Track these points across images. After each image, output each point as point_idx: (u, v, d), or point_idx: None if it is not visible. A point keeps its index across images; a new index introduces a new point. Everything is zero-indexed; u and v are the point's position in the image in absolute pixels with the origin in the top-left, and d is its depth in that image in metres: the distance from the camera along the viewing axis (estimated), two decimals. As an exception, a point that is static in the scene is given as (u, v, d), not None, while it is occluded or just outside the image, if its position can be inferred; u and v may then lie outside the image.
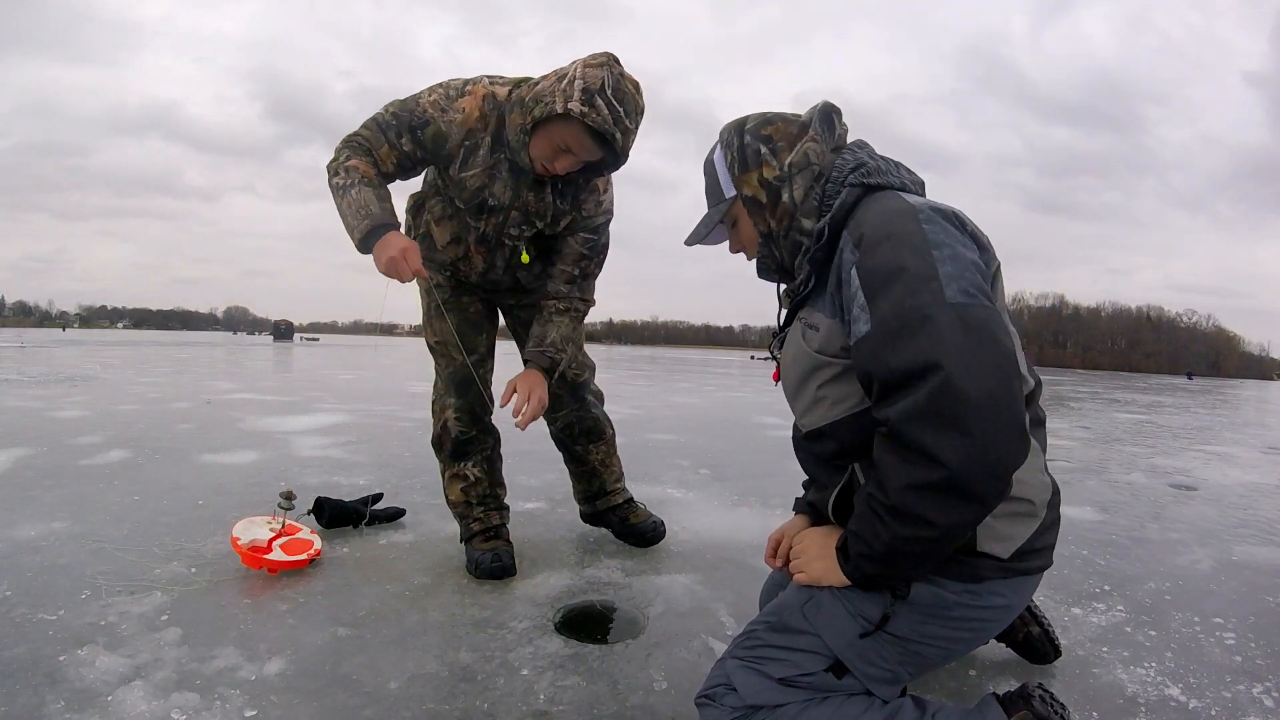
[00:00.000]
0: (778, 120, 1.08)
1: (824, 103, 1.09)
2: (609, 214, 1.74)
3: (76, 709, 1.11)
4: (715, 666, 1.05)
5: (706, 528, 2.27)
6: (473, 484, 1.89)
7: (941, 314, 0.81)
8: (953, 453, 0.78)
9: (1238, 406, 12.20)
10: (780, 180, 1.04)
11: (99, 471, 2.81)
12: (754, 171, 1.06)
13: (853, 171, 1.01)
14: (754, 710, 0.96)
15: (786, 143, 1.05)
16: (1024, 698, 0.95)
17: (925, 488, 0.80)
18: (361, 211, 1.47)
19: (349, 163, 1.54)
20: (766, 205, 1.05)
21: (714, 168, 1.12)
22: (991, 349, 0.80)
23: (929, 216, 0.90)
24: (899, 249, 0.87)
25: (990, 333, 0.82)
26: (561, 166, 1.51)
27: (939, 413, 0.78)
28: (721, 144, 1.11)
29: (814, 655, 0.97)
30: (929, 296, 0.82)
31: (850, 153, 1.05)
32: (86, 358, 12.47)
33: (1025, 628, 1.39)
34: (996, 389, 0.79)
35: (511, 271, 1.77)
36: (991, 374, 0.79)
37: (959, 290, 0.82)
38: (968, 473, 0.78)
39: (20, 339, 25.18)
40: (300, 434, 4.05)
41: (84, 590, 1.57)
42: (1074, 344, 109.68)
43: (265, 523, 1.88)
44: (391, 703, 1.18)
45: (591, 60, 1.45)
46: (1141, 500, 3.09)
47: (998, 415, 0.78)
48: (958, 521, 0.82)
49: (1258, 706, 1.27)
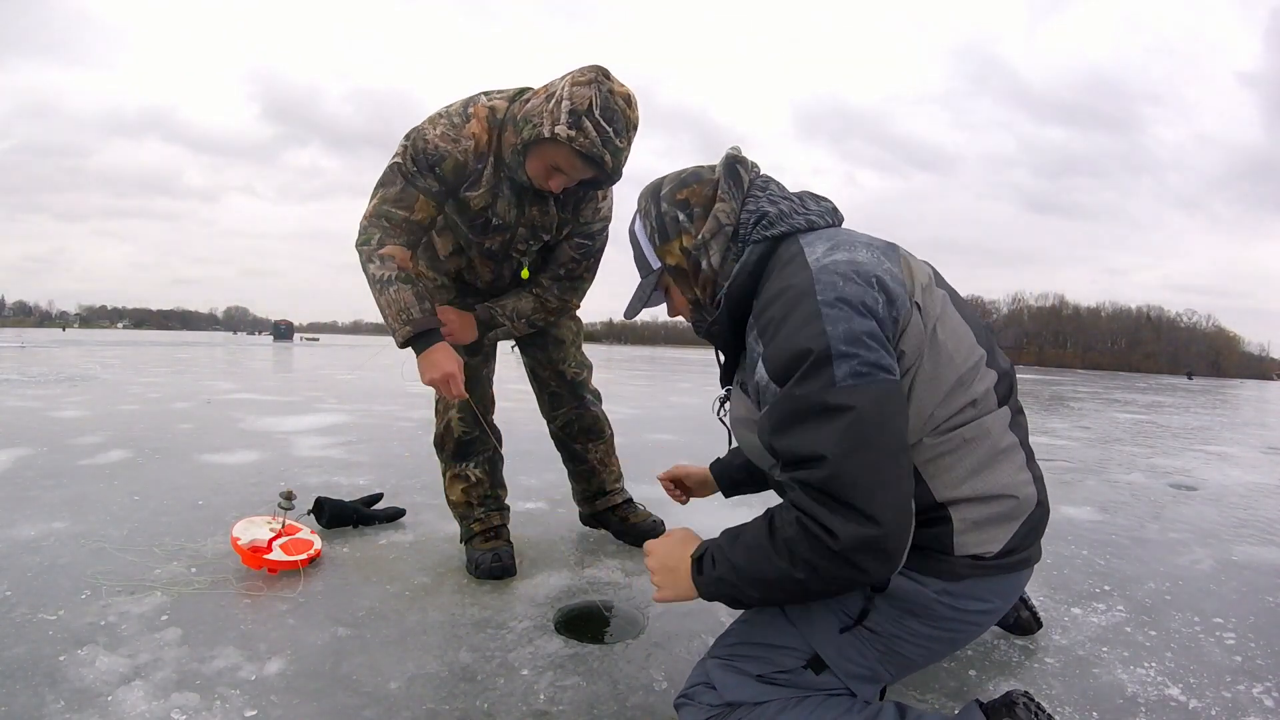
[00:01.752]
0: (693, 181, 1.06)
1: (727, 155, 1.07)
2: (606, 220, 1.74)
3: (76, 709, 1.11)
4: (695, 668, 1.05)
5: (706, 528, 2.26)
6: (474, 485, 1.89)
7: (831, 401, 0.82)
8: (842, 532, 0.80)
9: (1238, 406, 12.20)
10: (698, 249, 1.02)
11: (99, 471, 2.81)
12: (674, 241, 1.04)
13: (755, 226, 1.00)
14: (732, 708, 0.96)
15: (703, 207, 1.03)
16: (1008, 705, 0.95)
17: (816, 539, 0.82)
18: (402, 316, 1.50)
19: (383, 251, 1.52)
20: (690, 274, 1.04)
21: (636, 239, 1.10)
22: (875, 437, 0.82)
23: (824, 291, 0.88)
24: (793, 337, 0.86)
25: (881, 417, 0.83)
26: (556, 185, 1.51)
27: (829, 495, 0.81)
28: (640, 214, 1.09)
29: (792, 652, 0.97)
30: (819, 385, 0.83)
31: (753, 200, 1.03)
32: (86, 358, 12.47)
33: (1015, 612, 1.50)
34: (874, 480, 0.81)
35: (517, 280, 1.78)
36: (870, 467, 0.81)
37: (849, 373, 0.83)
38: (853, 552, 0.80)
39: (20, 339, 25.18)
40: (300, 434, 4.05)
41: (84, 590, 1.57)
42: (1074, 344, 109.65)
43: (265, 523, 1.88)
44: (391, 703, 1.18)
45: (580, 77, 1.42)
46: (1141, 500, 3.08)
47: (879, 499, 0.80)
48: (842, 578, 0.83)
49: (1258, 706, 1.27)
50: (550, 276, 1.74)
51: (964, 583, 0.92)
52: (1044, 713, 0.95)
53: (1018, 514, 0.93)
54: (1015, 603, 1.45)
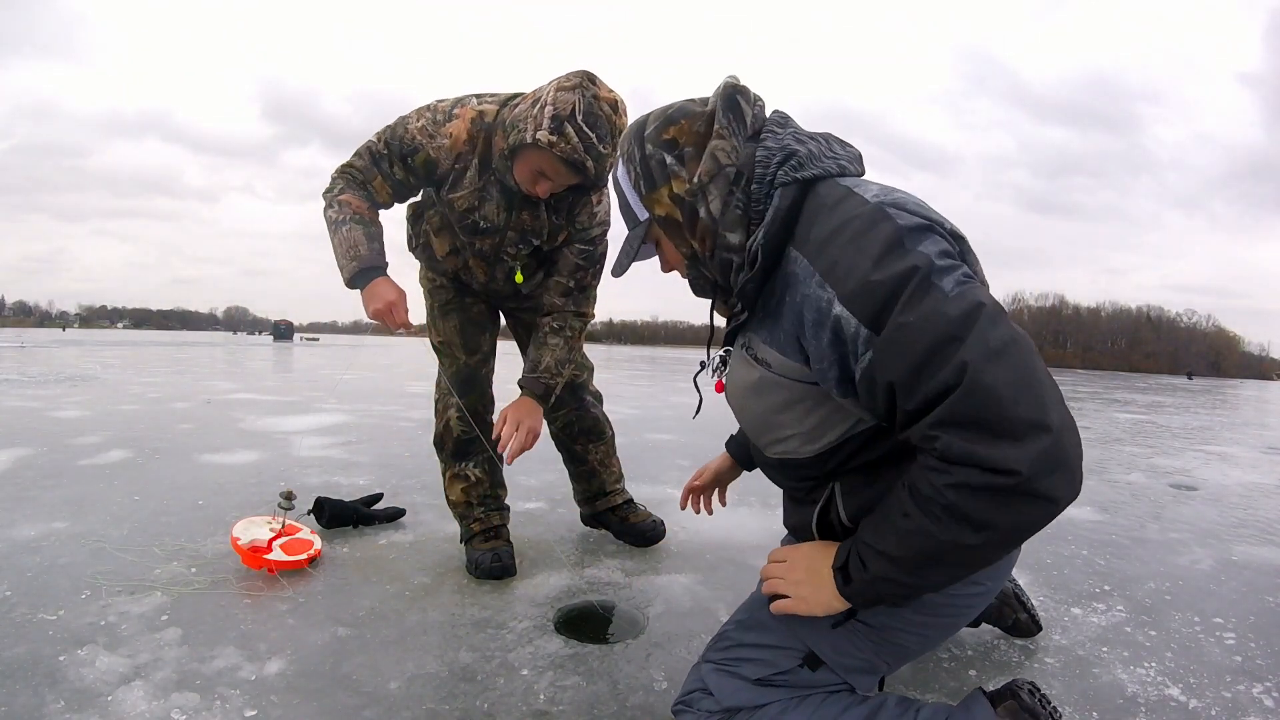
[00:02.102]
0: (680, 118, 0.92)
1: (724, 84, 0.93)
2: (605, 224, 1.72)
3: (76, 709, 1.11)
4: (691, 672, 1.04)
5: (706, 528, 2.27)
6: (474, 484, 1.89)
7: (953, 312, 0.71)
8: (1016, 460, 0.67)
9: (1238, 406, 12.20)
10: (693, 194, 0.89)
11: (99, 471, 2.81)
12: (662, 188, 0.91)
13: (781, 166, 0.86)
14: (731, 713, 0.95)
15: (694, 146, 0.90)
16: (1011, 692, 0.94)
17: (985, 490, 0.69)
18: (350, 252, 1.53)
19: (342, 196, 1.57)
20: (684, 224, 0.91)
21: (621, 188, 0.98)
22: (1009, 337, 0.72)
23: (900, 216, 0.79)
24: (884, 265, 0.75)
25: (1000, 316, 0.73)
26: (542, 190, 1.51)
27: (987, 422, 0.69)
28: (624, 158, 0.96)
29: (787, 651, 0.96)
30: (933, 301, 0.72)
31: (772, 137, 0.89)
32: (86, 358, 12.47)
33: (1014, 614, 1.47)
34: (1029, 379, 0.70)
35: (510, 283, 1.77)
36: (1020, 366, 0.70)
37: (956, 281, 0.74)
38: (1042, 473, 0.68)
39: (20, 339, 25.18)
40: (300, 434, 4.05)
41: (84, 590, 1.57)
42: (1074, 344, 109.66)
43: (265, 523, 1.89)
44: (391, 703, 1.18)
45: (565, 83, 1.42)
46: (1141, 500, 3.08)
47: (1043, 398, 0.70)
48: (1028, 522, 0.72)
49: (1258, 706, 1.27)
50: (560, 291, 1.72)
51: None
52: (1049, 702, 0.93)
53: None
54: (1014, 605, 1.47)
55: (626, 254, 1.00)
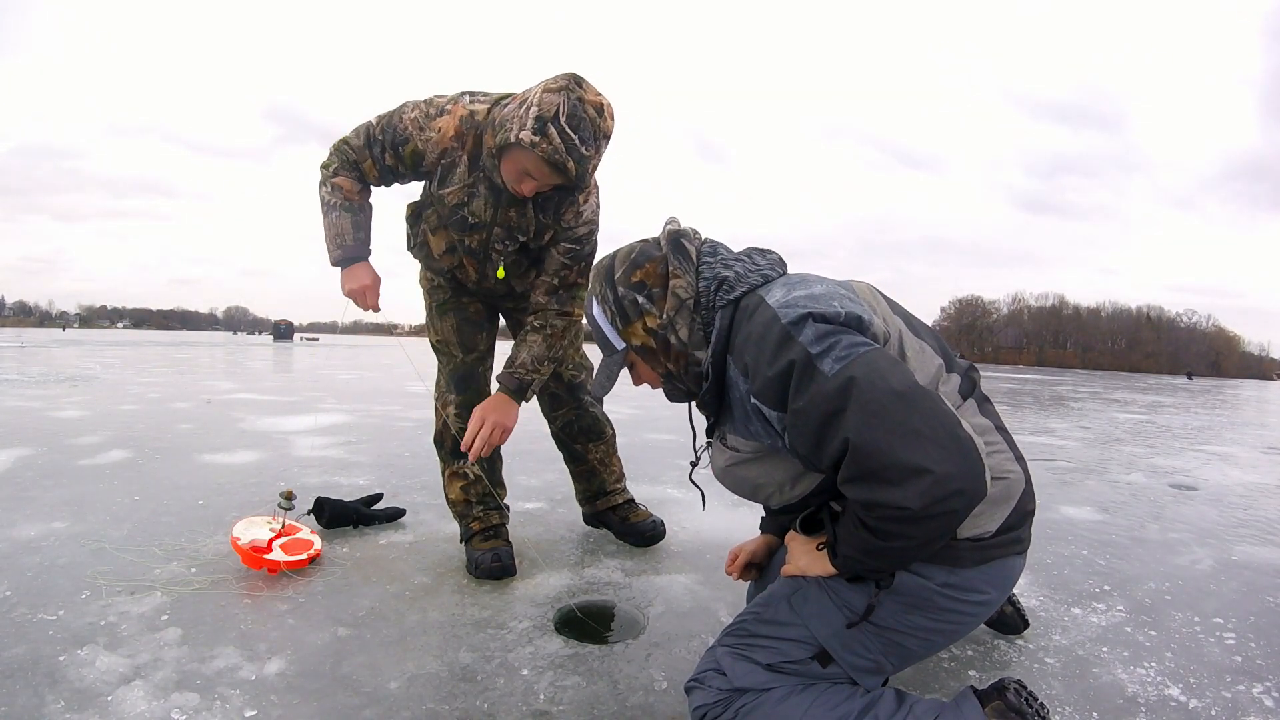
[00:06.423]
0: (644, 261, 1.09)
1: (668, 231, 1.11)
2: (591, 224, 1.73)
3: (76, 709, 1.11)
4: (705, 654, 1.10)
5: (706, 528, 2.27)
6: (472, 482, 1.90)
7: (831, 389, 0.86)
8: (904, 499, 0.82)
9: (1238, 406, 12.20)
10: (664, 327, 1.06)
11: (99, 471, 2.81)
12: (637, 323, 1.08)
13: (716, 293, 1.05)
14: (740, 693, 1.01)
15: (659, 286, 1.07)
16: (999, 691, 0.99)
17: (893, 519, 0.85)
18: (337, 240, 1.66)
19: (335, 179, 1.65)
20: (658, 350, 1.08)
21: (597, 323, 1.13)
22: (887, 396, 0.85)
23: (787, 315, 0.94)
24: (774, 361, 0.92)
25: (875, 379, 0.86)
26: (527, 189, 1.54)
27: (873, 474, 0.84)
28: (597, 298, 1.12)
29: (800, 644, 1.03)
30: (813, 385, 0.88)
31: (707, 268, 1.08)
32: (86, 358, 12.47)
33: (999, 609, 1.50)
34: (903, 429, 0.83)
35: (505, 282, 1.78)
36: (895, 421, 0.84)
37: (834, 360, 0.89)
38: (931, 504, 0.82)
39: (20, 339, 25.18)
40: (300, 434, 4.05)
41: (84, 590, 1.57)
42: (1074, 344, 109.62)
43: (265, 523, 1.89)
44: (391, 703, 1.18)
45: (551, 84, 1.44)
46: (1141, 500, 3.09)
47: (918, 449, 0.82)
48: (938, 531, 0.87)
49: (1258, 706, 1.27)
50: (545, 290, 1.73)
51: (965, 573, 0.97)
52: (1035, 699, 0.99)
53: (1010, 494, 0.99)
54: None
55: (608, 377, 1.15)
